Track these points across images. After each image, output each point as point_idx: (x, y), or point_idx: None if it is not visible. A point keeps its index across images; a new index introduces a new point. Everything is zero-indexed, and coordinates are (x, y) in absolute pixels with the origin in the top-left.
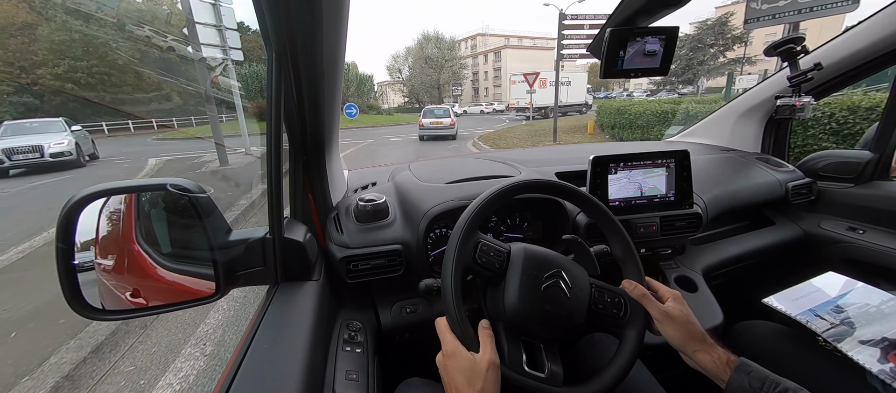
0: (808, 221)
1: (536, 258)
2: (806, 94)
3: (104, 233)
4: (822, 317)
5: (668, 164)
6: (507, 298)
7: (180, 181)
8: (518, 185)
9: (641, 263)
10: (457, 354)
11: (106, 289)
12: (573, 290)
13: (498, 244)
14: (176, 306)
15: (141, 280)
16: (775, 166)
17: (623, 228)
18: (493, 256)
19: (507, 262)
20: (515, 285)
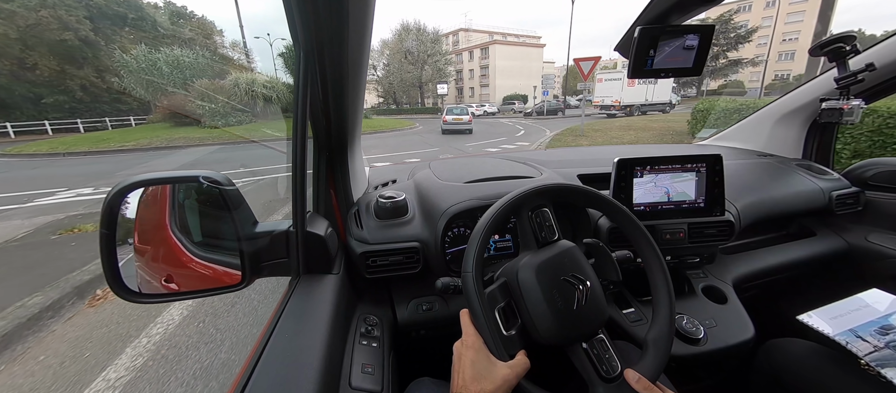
0: (853, 233)
1: (538, 273)
2: (855, 96)
3: (142, 221)
4: (865, 339)
5: (698, 168)
6: (539, 328)
7: (212, 174)
8: (537, 191)
9: (670, 279)
10: (476, 349)
11: (143, 274)
12: (583, 279)
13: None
14: (205, 293)
15: (174, 267)
16: (818, 174)
17: (653, 241)
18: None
19: (520, 291)
20: (538, 312)
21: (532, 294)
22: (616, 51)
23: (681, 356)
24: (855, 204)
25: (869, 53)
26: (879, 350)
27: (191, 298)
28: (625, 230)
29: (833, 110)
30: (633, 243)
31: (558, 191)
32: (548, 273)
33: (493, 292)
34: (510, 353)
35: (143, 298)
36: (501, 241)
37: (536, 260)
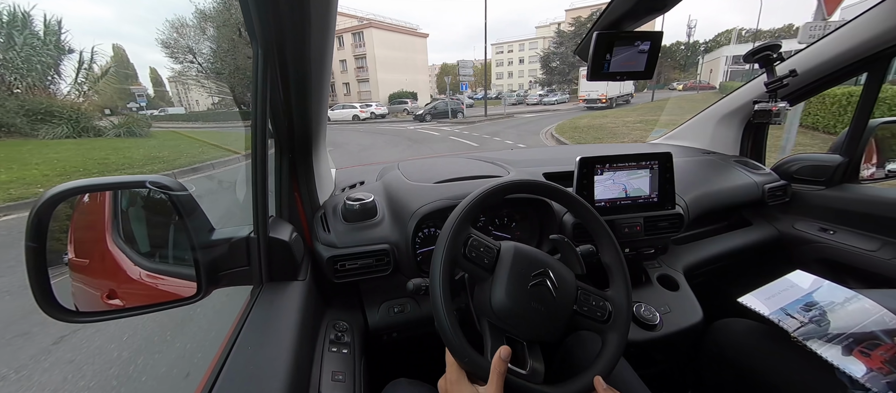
0: (783, 222)
1: (526, 257)
2: (782, 99)
3: (79, 231)
4: (793, 315)
5: (651, 165)
6: (494, 295)
7: (161, 178)
8: (507, 185)
9: (627, 267)
10: (460, 383)
11: (80, 290)
12: (559, 290)
13: (488, 241)
14: (155, 308)
15: (118, 281)
16: (753, 169)
17: (610, 230)
18: (483, 252)
19: (497, 259)
20: (503, 282)
21: (512, 268)
22: (576, 54)
23: (639, 342)
24: (783, 196)
25: (792, 61)
26: (805, 325)
27: (139, 314)
28: (587, 225)
29: (764, 112)
30: (595, 237)
31: (525, 186)
32: (522, 260)
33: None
34: (483, 362)
35: (82, 317)
36: None
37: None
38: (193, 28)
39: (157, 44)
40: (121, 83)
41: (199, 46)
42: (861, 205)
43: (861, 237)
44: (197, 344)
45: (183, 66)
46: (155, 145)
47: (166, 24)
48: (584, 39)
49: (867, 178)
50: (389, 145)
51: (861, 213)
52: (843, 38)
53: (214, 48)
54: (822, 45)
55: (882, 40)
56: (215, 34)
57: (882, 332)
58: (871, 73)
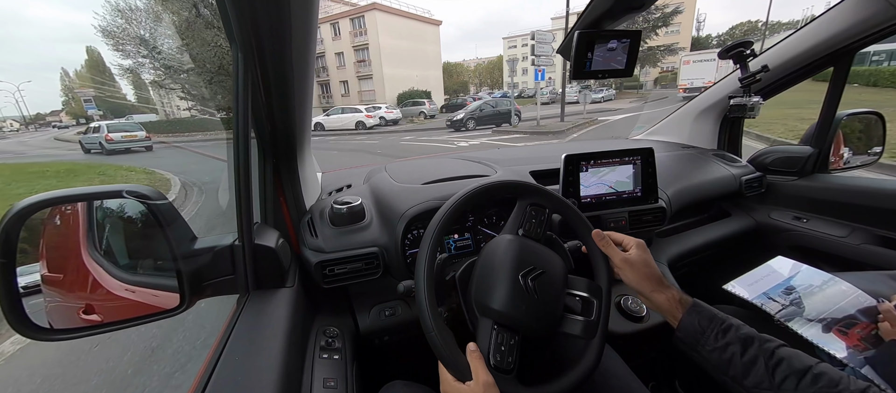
0: (759, 212)
1: (518, 251)
2: (755, 93)
3: (52, 245)
4: (775, 299)
5: (634, 161)
6: (496, 293)
7: (138, 187)
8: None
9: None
10: (455, 385)
11: (54, 306)
12: (541, 264)
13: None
14: (135, 321)
15: (94, 295)
16: (730, 162)
17: (586, 219)
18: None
19: (488, 251)
20: (503, 277)
21: (494, 263)
22: (558, 53)
23: (627, 334)
24: (759, 187)
25: (764, 57)
26: (786, 308)
27: (118, 328)
28: (570, 222)
29: (739, 106)
30: (592, 260)
31: (501, 188)
32: (521, 254)
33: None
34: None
35: (57, 335)
36: (461, 239)
37: (518, 239)
38: (144, 12)
39: (97, 31)
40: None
41: (158, 37)
42: (831, 193)
43: (832, 224)
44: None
45: (134, 62)
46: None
47: (108, 6)
48: (566, 39)
49: (836, 167)
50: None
51: (831, 201)
52: (810, 34)
53: (177, 33)
54: (790, 41)
55: (844, 36)
56: (175, 20)
57: (858, 312)
58: (836, 68)
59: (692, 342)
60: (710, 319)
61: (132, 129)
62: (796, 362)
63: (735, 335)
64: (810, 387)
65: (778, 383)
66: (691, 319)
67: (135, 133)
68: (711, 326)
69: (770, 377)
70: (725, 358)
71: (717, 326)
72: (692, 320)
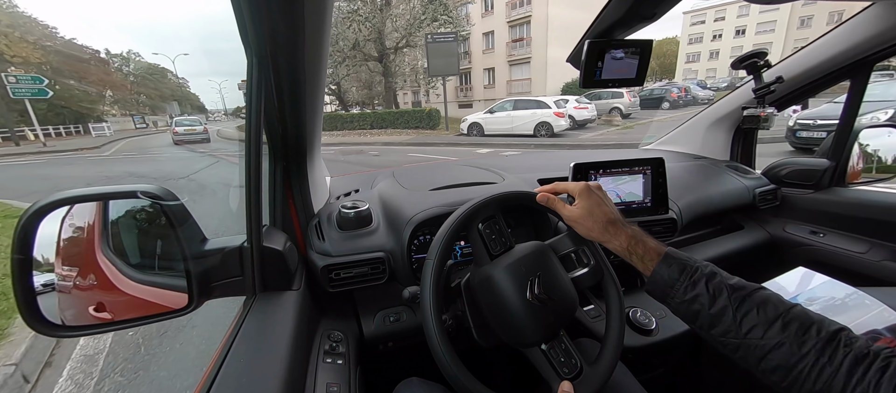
0: (773, 226)
1: (507, 278)
2: (769, 105)
3: (66, 243)
4: None
5: (644, 170)
6: (523, 327)
7: (151, 188)
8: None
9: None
10: None
11: (67, 303)
12: (550, 277)
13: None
14: (145, 320)
15: (106, 293)
16: (743, 173)
17: (522, 190)
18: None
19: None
20: (516, 312)
21: (496, 297)
22: (568, 62)
23: (636, 347)
24: (773, 199)
25: (778, 67)
26: None
27: (128, 327)
28: (514, 203)
29: (752, 117)
30: (586, 245)
31: (511, 198)
32: (510, 277)
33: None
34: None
35: (68, 331)
36: (467, 247)
37: (495, 268)
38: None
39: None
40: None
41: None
42: (849, 208)
43: (850, 239)
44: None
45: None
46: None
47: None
48: (577, 47)
49: (854, 180)
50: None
51: (849, 215)
52: (827, 45)
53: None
54: (807, 52)
55: (862, 48)
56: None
57: (884, 328)
58: (854, 80)
59: (661, 294)
60: (682, 269)
61: (192, 125)
62: (770, 310)
63: (704, 286)
64: (779, 335)
65: (744, 333)
66: (661, 270)
67: (194, 128)
68: (682, 277)
69: (737, 327)
70: (694, 309)
71: (687, 277)
72: (662, 272)
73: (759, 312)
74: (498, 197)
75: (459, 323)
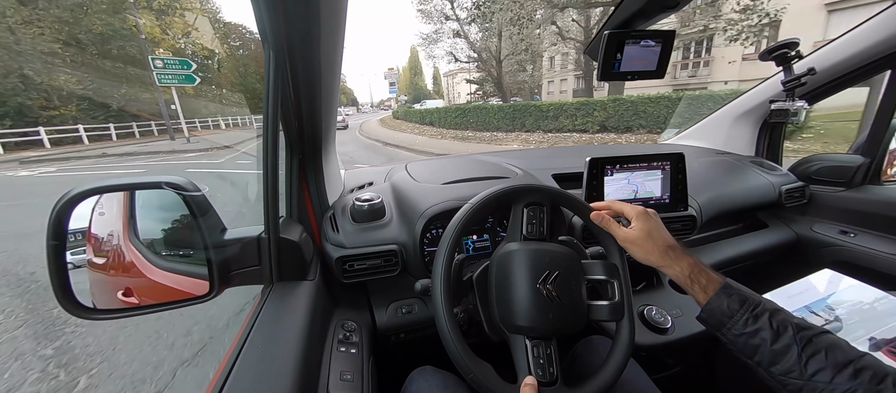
0: (800, 224)
1: (527, 259)
2: (800, 98)
3: (97, 231)
4: (817, 313)
5: (663, 166)
6: (520, 309)
7: (176, 179)
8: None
9: (627, 265)
10: None
11: (98, 287)
12: (569, 282)
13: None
14: (168, 306)
15: (133, 279)
16: (769, 170)
17: (579, 199)
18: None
19: (494, 269)
20: (522, 292)
21: (510, 272)
22: (585, 54)
23: (650, 345)
24: (801, 197)
25: (810, 59)
26: (830, 323)
27: (153, 312)
28: (566, 206)
29: (781, 111)
30: (599, 239)
31: (563, 198)
32: (531, 260)
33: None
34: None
35: (98, 314)
36: (479, 241)
37: (522, 246)
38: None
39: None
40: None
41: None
42: (884, 207)
43: (884, 240)
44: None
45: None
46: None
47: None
48: (594, 39)
49: (891, 179)
50: None
51: (884, 215)
52: (864, 34)
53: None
54: (842, 42)
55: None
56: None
57: None
58: (893, 71)
59: (717, 324)
60: (742, 302)
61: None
62: (839, 355)
63: (767, 321)
64: (849, 381)
65: (810, 374)
66: (720, 300)
67: (339, 117)
68: (742, 310)
69: (802, 367)
70: (754, 343)
71: (749, 310)
72: (720, 302)
73: (827, 356)
74: (553, 191)
75: (470, 317)
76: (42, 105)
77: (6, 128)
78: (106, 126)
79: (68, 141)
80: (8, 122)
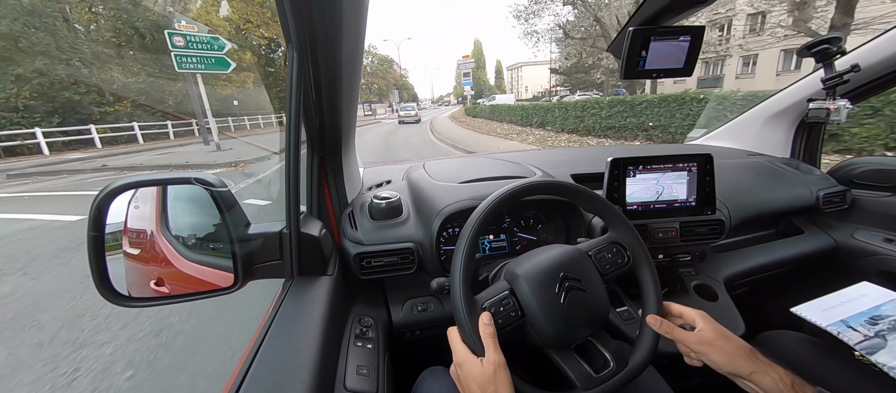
0: (840, 231)
1: (538, 274)
2: (841, 96)
3: (133, 223)
4: (855, 328)
5: (689, 167)
6: (539, 330)
7: (205, 176)
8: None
9: (655, 269)
10: (467, 362)
11: (133, 276)
12: (584, 280)
13: (499, 293)
14: (196, 296)
15: (165, 269)
16: (805, 172)
17: (635, 228)
18: (505, 310)
19: (516, 298)
20: (538, 316)
21: (532, 293)
22: (608, 51)
23: (671, 353)
24: (841, 202)
25: (854, 55)
26: (870, 339)
27: (182, 301)
28: (613, 227)
29: (820, 110)
30: (623, 241)
31: (546, 187)
32: (547, 275)
33: (488, 292)
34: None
35: (133, 302)
36: (496, 241)
37: (533, 261)
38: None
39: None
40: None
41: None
42: None
43: None
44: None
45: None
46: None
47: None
48: (617, 37)
49: None
50: None
51: None
52: None
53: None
54: (889, 37)
55: None
56: None
57: None
58: None
59: None
60: None
61: (409, 110)
62: None
63: None
64: None
65: None
66: None
67: (411, 113)
68: None
69: None
70: None
71: None
72: None
73: None
74: (543, 183)
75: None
76: (94, 101)
77: (54, 125)
78: (163, 123)
79: (123, 140)
80: (56, 119)
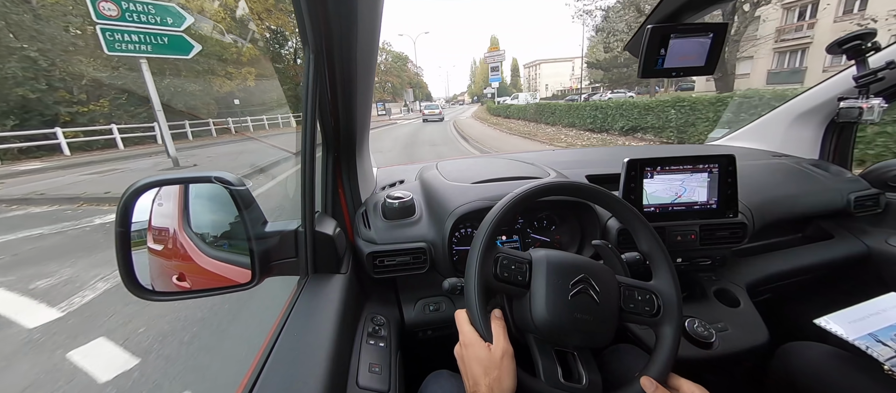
0: (873, 237)
1: (561, 265)
2: (875, 95)
3: (156, 221)
4: (885, 343)
5: (710, 169)
6: (534, 310)
7: (224, 174)
8: (542, 188)
9: (679, 336)
10: (473, 345)
11: (156, 271)
12: (602, 294)
13: (518, 255)
14: (216, 291)
15: (186, 265)
16: (835, 174)
17: (661, 241)
18: (515, 269)
19: (530, 271)
20: (542, 295)
21: (546, 274)
22: (625, 50)
23: (691, 359)
24: (875, 206)
25: (890, 51)
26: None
27: (202, 296)
28: (632, 230)
29: (852, 109)
30: (641, 243)
31: (564, 188)
32: (570, 267)
33: (507, 249)
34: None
35: (156, 296)
36: (509, 242)
37: (564, 253)
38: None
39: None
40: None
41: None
42: None
43: None
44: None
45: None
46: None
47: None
48: (635, 35)
49: None
50: None
51: None
52: None
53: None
54: None
55: None
56: None
57: None
58: None
59: None
60: None
61: (433, 109)
62: None
63: None
64: None
65: None
66: None
67: (435, 110)
68: None
69: None
70: None
71: None
72: None
73: None
74: (643, 221)
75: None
76: (63, 99)
77: (6, 129)
78: (150, 125)
79: (98, 146)
80: (9, 123)
